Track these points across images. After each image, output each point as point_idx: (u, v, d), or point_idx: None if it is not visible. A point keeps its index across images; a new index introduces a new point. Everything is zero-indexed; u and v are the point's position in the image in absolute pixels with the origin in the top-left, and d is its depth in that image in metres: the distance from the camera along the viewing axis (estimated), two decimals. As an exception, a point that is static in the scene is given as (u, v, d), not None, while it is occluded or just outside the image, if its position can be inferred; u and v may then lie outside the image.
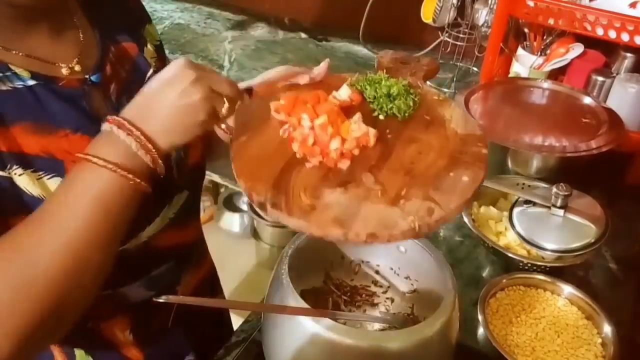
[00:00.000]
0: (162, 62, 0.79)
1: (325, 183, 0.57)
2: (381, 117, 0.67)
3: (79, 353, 0.70)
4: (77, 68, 0.64)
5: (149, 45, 0.76)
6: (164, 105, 0.54)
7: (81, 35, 0.67)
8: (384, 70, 0.75)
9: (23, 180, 0.57)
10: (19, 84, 0.58)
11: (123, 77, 0.70)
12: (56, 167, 0.59)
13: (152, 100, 0.55)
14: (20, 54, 0.60)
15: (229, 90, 0.57)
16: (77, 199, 0.52)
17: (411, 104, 0.68)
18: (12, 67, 0.58)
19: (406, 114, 0.67)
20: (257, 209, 0.58)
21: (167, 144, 0.55)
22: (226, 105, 0.57)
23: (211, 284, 0.92)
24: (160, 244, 0.69)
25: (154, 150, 0.54)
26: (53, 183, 0.58)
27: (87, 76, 0.65)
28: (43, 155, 0.58)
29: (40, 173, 0.57)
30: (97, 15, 0.70)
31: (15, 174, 0.56)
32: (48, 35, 0.63)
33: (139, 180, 0.54)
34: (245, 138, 0.62)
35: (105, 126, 0.54)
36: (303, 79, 0.71)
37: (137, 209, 0.56)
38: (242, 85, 0.73)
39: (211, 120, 0.56)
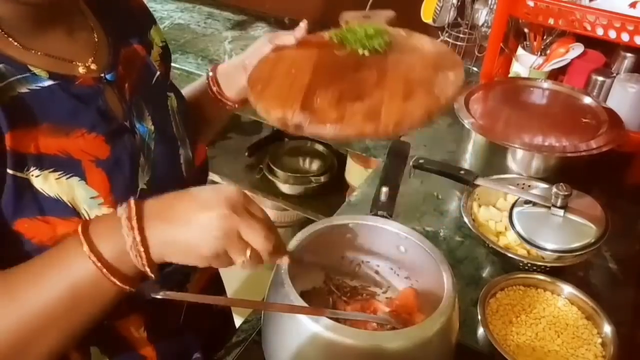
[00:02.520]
0: (166, 65, 0.82)
1: (347, 98, 0.69)
2: (366, 53, 0.78)
3: (94, 351, 0.70)
4: (93, 66, 0.66)
5: (155, 48, 0.79)
6: (181, 216, 0.53)
7: (95, 36, 0.69)
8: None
9: (39, 181, 0.57)
10: (36, 86, 0.59)
11: (134, 77, 0.72)
12: (74, 166, 0.60)
13: (175, 206, 0.54)
14: (39, 53, 0.61)
15: (261, 246, 0.55)
16: (53, 279, 0.53)
17: (387, 39, 0.81)
18: (31, 68, 0.59)
19: (386, 47, 0.80)
20: (292, 132, 0.68)
21: (158, 255, 0.53)
22: (247, 256, 0.54)
23: (216, 283, 0.93)
24: None
25: (143, 255, 0.52)
26: (72, 182, 0.59)
27: (102, 74, 0.66)
28: (61, 155, 0.59)
29: (59, 173, 0.58)
30: (107, 18, 0.72)
31: (32, 175, 0.57)
32: (65, 35, 0.65)
33: (120, 284, 0.53)
34: (260, 86, 0.74)
35: (120, 210, 0.54)
36: (289, 40, 0.81)
37: (114, 304, 0.56)
38: (236, 59, 0.85)
39: (217, 261, 0.54)
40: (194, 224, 0.52)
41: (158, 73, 0.77)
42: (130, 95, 0.69)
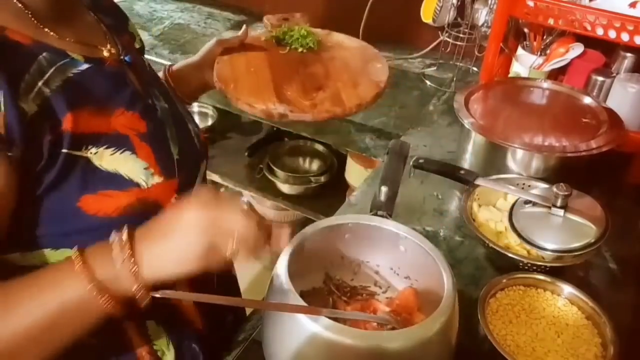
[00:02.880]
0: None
1: (310, 90, 0.87)
2: (304, 50, 0.98)
3: (150, 325, 0.73)
4: (113, 50, 0.71)
5: (136, 41, 0.85)
6: (164, 229, 0.57)
7: (103, 26, 0.74)
8: (281, 25, 1.04)
9: (97, 158, 0.62)
10: (77, 70, 0.63)
11: (138, 62, 0.77)
12: (124, 142, 0.65)
13: (158, 224, 0.58)
14: (72, 40, 0.66)
15: (243, 227, 0.56)
16: (47, 295, 0.54)
17: (316, 38, 1.00)
18: (69, 53, 0.64)
19: (317, 45, 1.00)
20: (278, 120, 0.82)
21: (150, 271, 0.56)
22: (234, 241, 0.56)
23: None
24: None
25: (136, 270, 0.55)
26: (125, 157, 0.64)
27: (122, 57, 0.72)
28: (111, 132, 0.64)
29: (113, 149, 0.63)
30: (99, 14, 0.77)
31: (91, 153, 0.62)
32: (82, 26, 0.70)
33: (107, 305, 0.55)
34: (232, 85, 0.87)
35: (112, 236, 0.56)
36: (234, 42, 0.95)
37: (96, 325, 0.57)
38: (189, 61, 0.95)
39: (209, 257, 0.56)
40: (176, 231, 0.56)
41: (148, 62, 0.83)
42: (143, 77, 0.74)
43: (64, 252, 0.63)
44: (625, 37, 1.13)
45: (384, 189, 0.79)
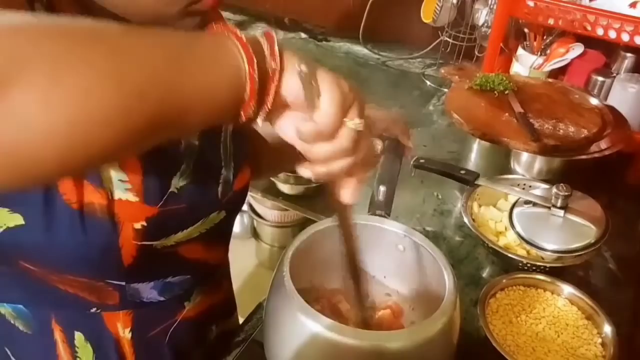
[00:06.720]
0: None
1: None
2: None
3: (78, 336, 0.69)
4: None
5: None
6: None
7: None
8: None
9: None
10: None
11: None
12: None
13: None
14: None
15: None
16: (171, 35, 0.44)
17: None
18: None
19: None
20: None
21: (287, 54, 0.47)
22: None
23: (223, 312, 0.88)
24: (185, 254, 0.70)
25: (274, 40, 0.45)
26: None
27: None
28: None
29: None
30: None
31: None
32: None
33: (242, 51, 0.43)
34: None
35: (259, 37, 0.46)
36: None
37: (215, 101, 0.44)
38: None
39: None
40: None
41: None
42: None
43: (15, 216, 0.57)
44: (625, 37, 1.13)
45: (381, 188, 0.78)
